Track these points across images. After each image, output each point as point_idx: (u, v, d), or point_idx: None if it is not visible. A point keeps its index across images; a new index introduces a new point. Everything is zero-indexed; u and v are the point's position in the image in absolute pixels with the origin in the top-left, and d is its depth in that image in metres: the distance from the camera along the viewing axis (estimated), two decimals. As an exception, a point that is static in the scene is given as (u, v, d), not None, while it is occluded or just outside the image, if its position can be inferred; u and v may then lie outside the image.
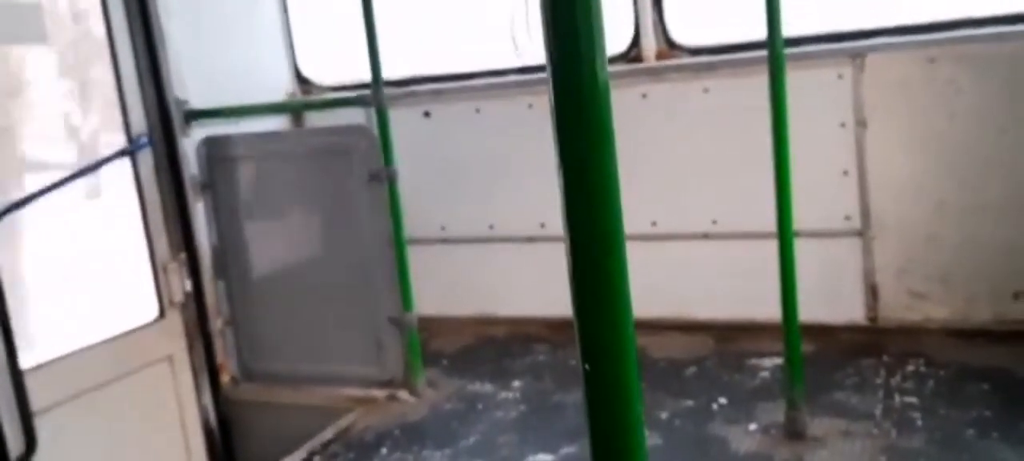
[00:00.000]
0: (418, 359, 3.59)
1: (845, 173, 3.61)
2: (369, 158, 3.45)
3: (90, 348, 3.44)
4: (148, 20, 3.64)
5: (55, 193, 3.30)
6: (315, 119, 4.50)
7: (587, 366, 0.93)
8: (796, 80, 2.74)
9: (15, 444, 2.96)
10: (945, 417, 2.85)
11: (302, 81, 4.68)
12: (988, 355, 3.27)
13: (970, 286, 3.50)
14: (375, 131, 3.46)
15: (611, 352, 0.94)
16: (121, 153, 3.59)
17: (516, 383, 3.60)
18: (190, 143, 3.80)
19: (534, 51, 4.17)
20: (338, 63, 4.60)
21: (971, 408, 2.88)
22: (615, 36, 3.90)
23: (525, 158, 4.12)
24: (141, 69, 3.65)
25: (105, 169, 3.58)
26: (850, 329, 3.67)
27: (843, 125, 3.58)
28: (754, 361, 3.49)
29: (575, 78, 0.87)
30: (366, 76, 3.41)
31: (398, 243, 3.48)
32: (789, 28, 2.56)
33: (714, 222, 3.88)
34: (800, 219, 2.71)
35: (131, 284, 3.73)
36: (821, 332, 3.57)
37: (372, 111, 3.47)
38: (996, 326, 3.46)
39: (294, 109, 4.64)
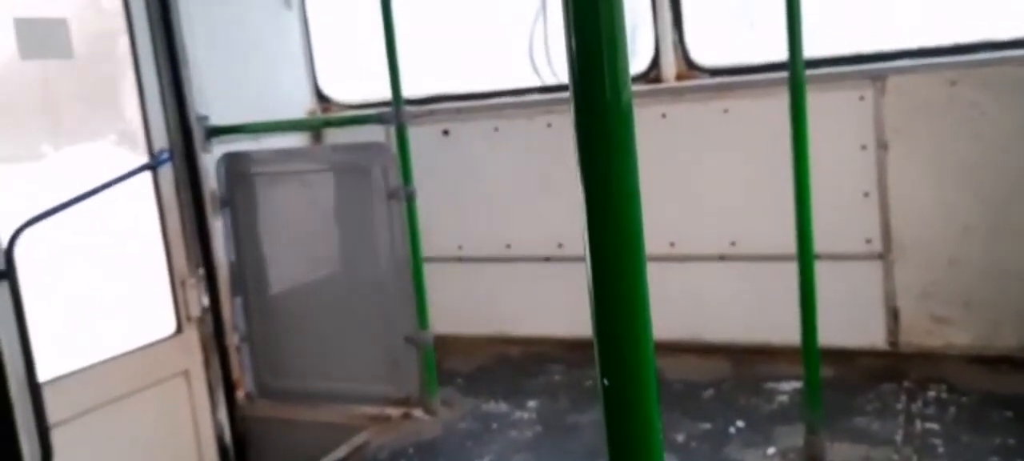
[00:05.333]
0: (433, 378, 3.58)
1: (866, 195, 3.58)
2: (388, 176, 3.46)
3: (107, 362, 3.45)
4: (172, 37, 3.67)
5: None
6: (334, 136, 4.52)
7: (606, 381, 0.92)
8: (817, 102, 2.73)
9: (31, 456, 2.97)
10: (967, 445, 2.81)
11: (322, 98, 4.71)
12: (1012, 382, 3.22)
13: (994, 311, 3.45)
14: (394, 149, 3.47)
15: (631, 370, 0.93)
16: (142, 168, 3.62)
17: (531, 403, 3.58)
18: (210, 159, 3.82)
19: (553, 72, 4.18)
20: (358, 81, 4.63)
21: (994, 436, 2.84)
22: (635, 56, 3.90)
23: (543, 178, 4.13)
24: (164, 85, 3.68)
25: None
26: (870, 354, 3.63)
27: (864, 147, 3.55)
28: (772, 384, 3.45)
29: (598, 98, 0.86)
30: (386, 94, 3.43)
31: (415, 261, 3.48)
32: (810, 50, 2.55)
33: (733, 244, 3.86)
34: (820, 241, 2.69)
35: (149, 298, 3.75)
36: (841, 356, 3.53)
37: (391, 129, 3.49)
38: (1021, 353, 3.41)
39: (314, 126, 4.67)
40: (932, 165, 3.48)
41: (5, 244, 2.98)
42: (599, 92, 0.87)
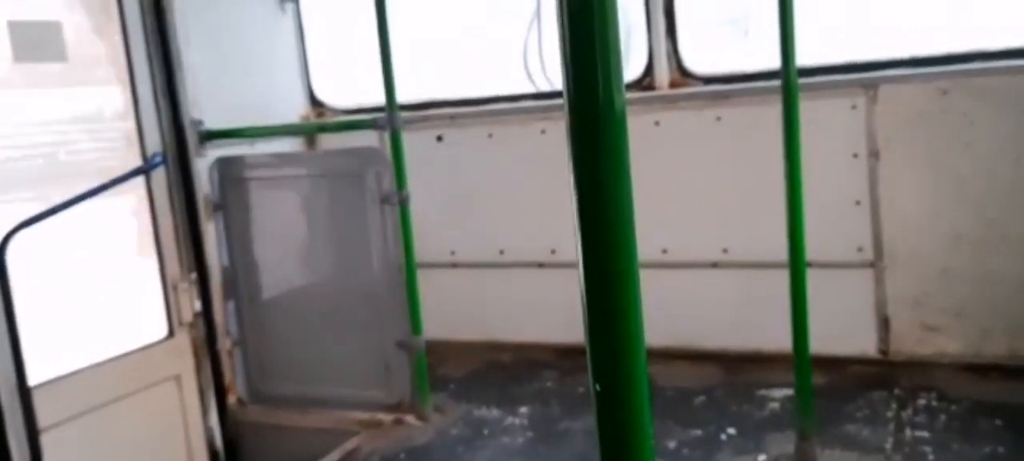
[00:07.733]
0: (425, 383, 3.58)
1: (857, 204, 3.59)
2: (382, 181, 3.46)
3: (98, 366, 3.44)
4: (166, 41, 3.67)
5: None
6: (328, 141, 4.53)
7: (598, 387, 0.93)
8: (809, 110, 2.74)
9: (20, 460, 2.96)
10: (957, 452, 2.82)
11: (316, 104, 4.71)
12: (1002, 391, 3.24)
13: (985, 320, 3.47)
14: (388, 154, 3.47)
15: (623, 376, 0.93)
16: (135, 172, 3.61)
17: (523, 409, 3.58)
18: (204, 163, 3.82)
19: (547, 78, 4.19)
20: (352, 86, 4.63)
21: (984, 444, 2.85)
22: (629, 64, 3.91)
23: (537, 184, 4.13)
24: (157, 89, 3.68)
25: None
26: (861, 361, 3.64)
27: (856, 156, 3.57)
28: (764, 392, 3.46)
29: (591, 105, 0.87)
30: (380, 100, 3.43)
31: (408, 267, 3.48)
32: (802, 58, 2.56)
33: (725, 251, 3.87)
34: (812, 249, 2.70)
35: (141, 302, 3.73)
36: (832, 364, 3.54)
37: (385, 134, 3.49)
38: (1010, 361, 3.43)
39: (308, 131, 4.66)
40: (924, 174, 3.50)
41: (-4, 247, 2.97)
42: (592, 99, 0.87)
